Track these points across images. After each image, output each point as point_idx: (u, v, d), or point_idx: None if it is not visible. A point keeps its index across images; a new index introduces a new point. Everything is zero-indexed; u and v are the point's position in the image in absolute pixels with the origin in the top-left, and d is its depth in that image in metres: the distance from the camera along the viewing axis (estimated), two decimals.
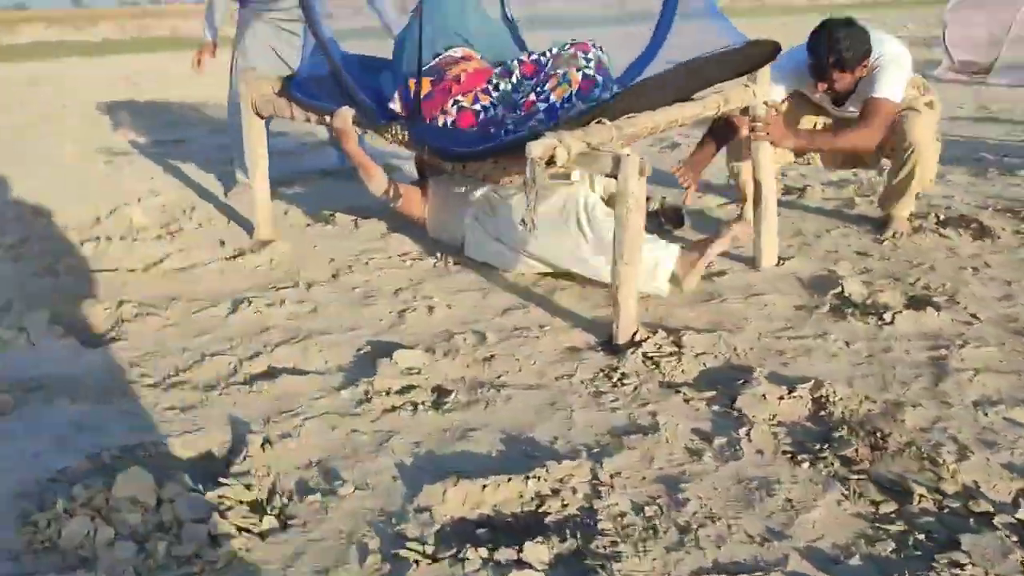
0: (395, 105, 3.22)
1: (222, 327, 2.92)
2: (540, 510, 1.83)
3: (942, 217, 3.89)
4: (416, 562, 1.66)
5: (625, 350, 2.62)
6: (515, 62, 3.18)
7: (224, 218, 4.35)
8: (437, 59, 3.27)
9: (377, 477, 1.98)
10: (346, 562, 1.69)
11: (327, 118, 3.38)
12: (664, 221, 3.84)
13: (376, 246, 3.81)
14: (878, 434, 2.10)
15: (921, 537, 1.73)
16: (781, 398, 2.27)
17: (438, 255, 3.60)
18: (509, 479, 1.90)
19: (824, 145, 3.55)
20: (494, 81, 3.15)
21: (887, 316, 2.81)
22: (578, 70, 3.01)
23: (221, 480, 1.91)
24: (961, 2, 9.78)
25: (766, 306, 2.97)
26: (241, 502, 1.85)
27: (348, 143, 3.38)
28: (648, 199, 2.52)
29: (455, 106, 3.11)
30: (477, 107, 3.11)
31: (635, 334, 2.66)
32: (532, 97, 3.00)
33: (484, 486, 1.88)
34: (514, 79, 3.12)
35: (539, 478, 1.91)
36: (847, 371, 2.48)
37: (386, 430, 2.20)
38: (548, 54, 3.15)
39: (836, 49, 3.26)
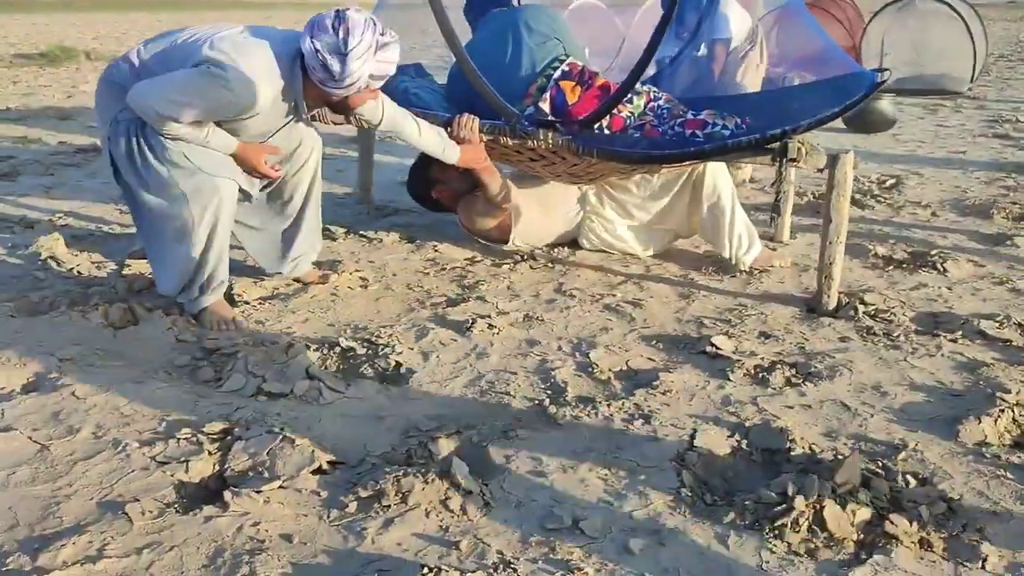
0: (544, 105, 3.24)
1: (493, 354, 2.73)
2: None
3: None
4: None
5: (837, 314, 3.09)
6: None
7: None
8: (567, 64, 3.32)
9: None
10: None
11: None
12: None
13: (403, 257, 3.66)
14: None
15: None
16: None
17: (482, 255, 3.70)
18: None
19: None
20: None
21: (940, 266, 3.66)
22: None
23: None
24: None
25: (851, 270, 3.64)
26: None
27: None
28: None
29: None
30: (624, 114, 3.29)
31: (838, 300, 3.16)
32: (691, 117, 3.28)
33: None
34: (641, 99, 3.36)
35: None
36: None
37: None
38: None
39: None
